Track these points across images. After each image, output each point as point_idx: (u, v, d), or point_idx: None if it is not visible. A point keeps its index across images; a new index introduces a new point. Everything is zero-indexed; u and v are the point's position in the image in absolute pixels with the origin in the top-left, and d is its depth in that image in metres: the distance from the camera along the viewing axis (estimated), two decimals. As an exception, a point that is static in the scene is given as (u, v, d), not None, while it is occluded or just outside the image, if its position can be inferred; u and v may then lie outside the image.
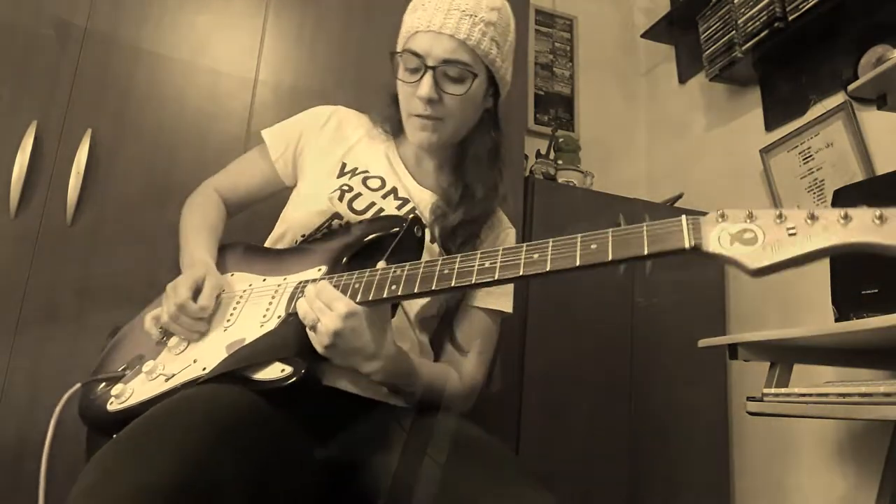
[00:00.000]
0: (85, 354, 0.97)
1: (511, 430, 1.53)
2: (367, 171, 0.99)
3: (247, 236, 1.00)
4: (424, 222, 0.91)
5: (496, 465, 0.74)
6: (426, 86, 0.91)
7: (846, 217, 0.55)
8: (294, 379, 0.72)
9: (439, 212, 0.96)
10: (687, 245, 0.58)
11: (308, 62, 1.43)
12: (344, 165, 1.00)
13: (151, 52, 1.32)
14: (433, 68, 0.91)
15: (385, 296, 0.73)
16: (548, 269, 0.63)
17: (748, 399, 1.27)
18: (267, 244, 0.99)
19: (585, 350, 1.64)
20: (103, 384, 0.84)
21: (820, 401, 1.11)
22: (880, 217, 0.54)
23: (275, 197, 1.06)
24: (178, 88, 1.33)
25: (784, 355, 1.31)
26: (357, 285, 0.76)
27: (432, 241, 0.94)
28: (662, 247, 0.59)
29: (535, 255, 0.65)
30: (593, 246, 0.62)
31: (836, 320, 1.36)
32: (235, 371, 0.75)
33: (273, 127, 1.07)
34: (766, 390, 1.24)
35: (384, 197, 0.97)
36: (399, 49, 0.95)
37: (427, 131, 0.95)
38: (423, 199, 0.98)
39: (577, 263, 0.61)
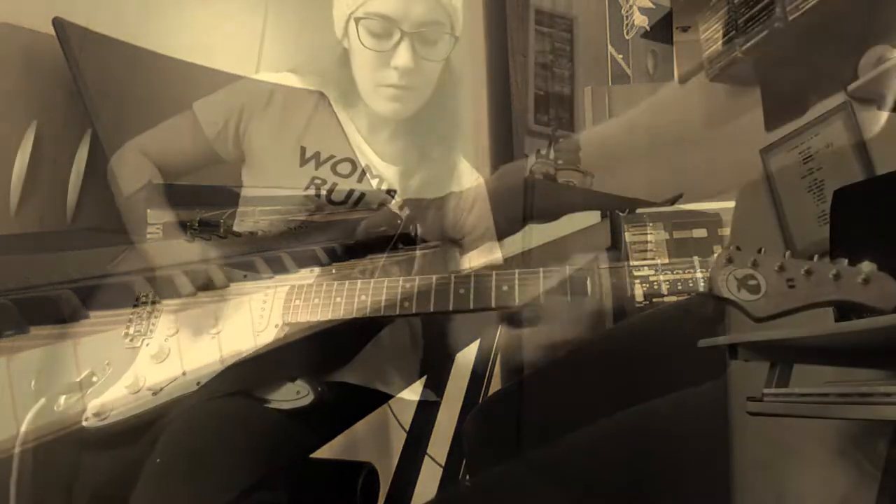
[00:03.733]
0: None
1: (510, 427, 1.53)
2: (332, 156, 0.90)
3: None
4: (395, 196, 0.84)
5: None
6: (404, 55, 0.80)
7: (837, 276, 0.69)
8: (311, 401, 0.72)
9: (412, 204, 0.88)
10: (702, 289, 0.65)
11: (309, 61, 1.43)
12: (304, 150, 0.91)
13: (151, 52, 1.32)
14: (410, 34, 0.80)
15: (398, 313, 0.76)
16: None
17: (748, 399, 1.26)
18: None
19: (585, 348, 1.64)
20: (65, 395, 0.79)
21: (820, 401, 1.11)
22: (865, 280, 0.68)
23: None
24: (178, 88, 1.33)
25: (784, 355, 1.31)
26: (364, 297, 0.74)
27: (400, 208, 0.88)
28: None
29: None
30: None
31: (837, 320, 1.35)
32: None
33: (204, 100, 0.96)
34: (766, 390, 1.24)
35: (359, 181, 0.89)
36: (354, 10, 0.83)
37: (399, 102, 0.85)
38: (388, 175, 0.91)
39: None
